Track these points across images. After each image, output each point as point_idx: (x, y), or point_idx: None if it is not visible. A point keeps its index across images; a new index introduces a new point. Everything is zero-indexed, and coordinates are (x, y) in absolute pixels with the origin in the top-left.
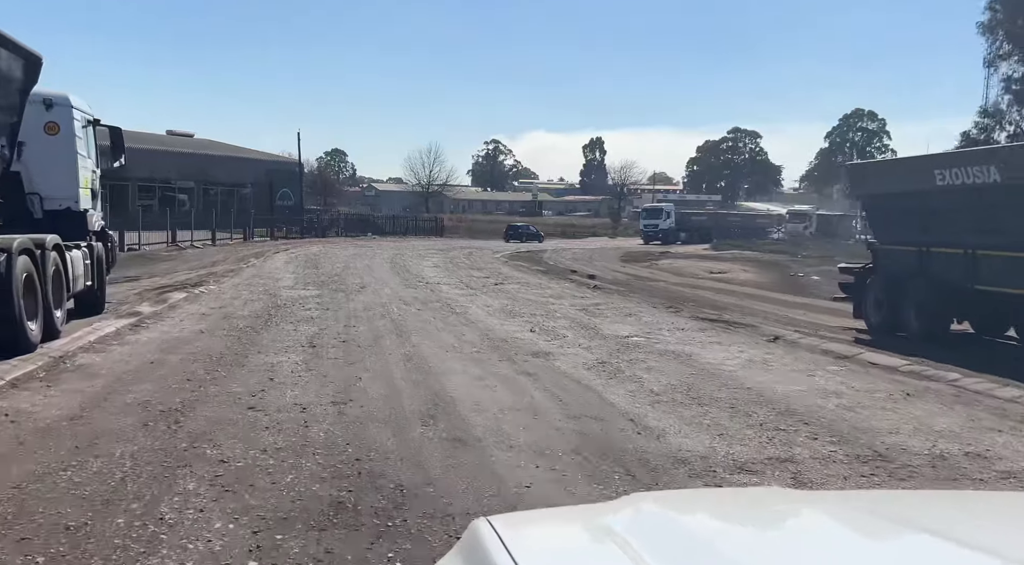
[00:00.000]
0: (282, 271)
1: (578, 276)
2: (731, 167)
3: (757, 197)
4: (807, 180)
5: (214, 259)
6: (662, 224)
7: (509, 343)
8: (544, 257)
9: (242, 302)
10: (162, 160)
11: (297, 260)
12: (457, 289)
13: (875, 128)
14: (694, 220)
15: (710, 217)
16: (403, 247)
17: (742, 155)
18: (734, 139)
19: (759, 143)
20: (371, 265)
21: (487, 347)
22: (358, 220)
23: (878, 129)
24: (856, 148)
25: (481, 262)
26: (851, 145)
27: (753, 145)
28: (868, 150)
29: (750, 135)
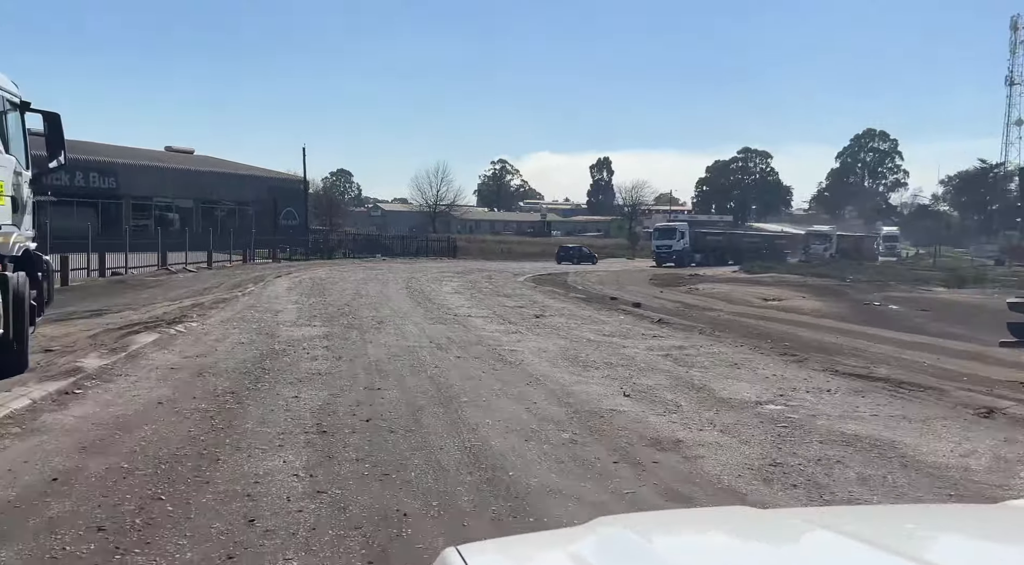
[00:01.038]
0: (283, 301)
1: (624, 305)
2: (741, 187)
3: (768, 218)
4: (818, 201)
5: (206, 285)
6: (676, 245)
7: (607, 419)
8: (568, 280)
9: (228, 347)
10: (159, 177)
11: (301, 286)
12: (494, 323)
13: (887, 148)
14: (709, 240)
15: (725, 237)
16: (416, 270)
17: (752, 175)
18: (744, 159)
19: (769, 163)
20: (386, 292)
21: (580, 427)
22: (366, 241)
23: (890, 149)
24: (868, 168)
25: (506, 287)
26: (862, 165)
27: (764, 165)
28: (880, 171)
29: (760, 155)
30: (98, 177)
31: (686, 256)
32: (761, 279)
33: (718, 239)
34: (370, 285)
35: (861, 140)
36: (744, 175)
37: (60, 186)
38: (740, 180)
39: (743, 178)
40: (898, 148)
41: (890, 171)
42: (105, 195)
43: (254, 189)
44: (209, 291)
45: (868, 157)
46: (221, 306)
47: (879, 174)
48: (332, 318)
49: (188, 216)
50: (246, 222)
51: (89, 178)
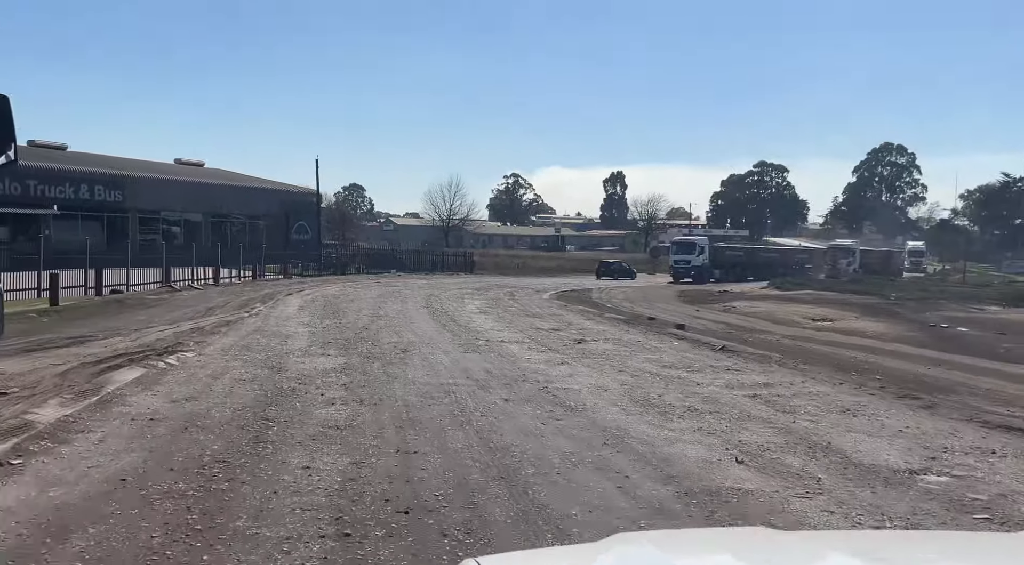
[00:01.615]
0: (294, 323)
1: (667, 326)
2: (757, 201)
3: (783, 232)
4: (835, 215)
5: (210, 305)
6: (694, 260)
7: (734, 505)
8: (594, 297)
9: (226, 386)
10: (167, 190)
11: (314, 305)
12: (534, 351)
13: (904, 162)
14: (729, 255)
15: (745, 252)
16: (434, 286)
17: (768, 189)
18: (760, 173)
19: (786, 177)
20: (406, 311)
21: (705, 522)
22: (379, 256)
23: (908, 163)
24: (885, 183)
25: (532, 305)
26: (880, 180)
27: (780, 179)
28: (897, 185)
29: (776, 169)
30: (103, 190)
31: (705, 271)
32: (796, 297)
33: (738, 254)
34: (388, 304)
35: (878, 154)
36: (760, 189)
37: (64, 199)
38: (756, 194)
39: (759, 192)
40: (916, 162)
41: (908, 185)
42: (111, 208)
43: (265, 203)
44: (213, 312)
45: (885, 171)
46: (224, 330)
47: (897, 188)
48: (349, 345)
49: (197, 230)
50: (257, 237)
51: (94, 191)
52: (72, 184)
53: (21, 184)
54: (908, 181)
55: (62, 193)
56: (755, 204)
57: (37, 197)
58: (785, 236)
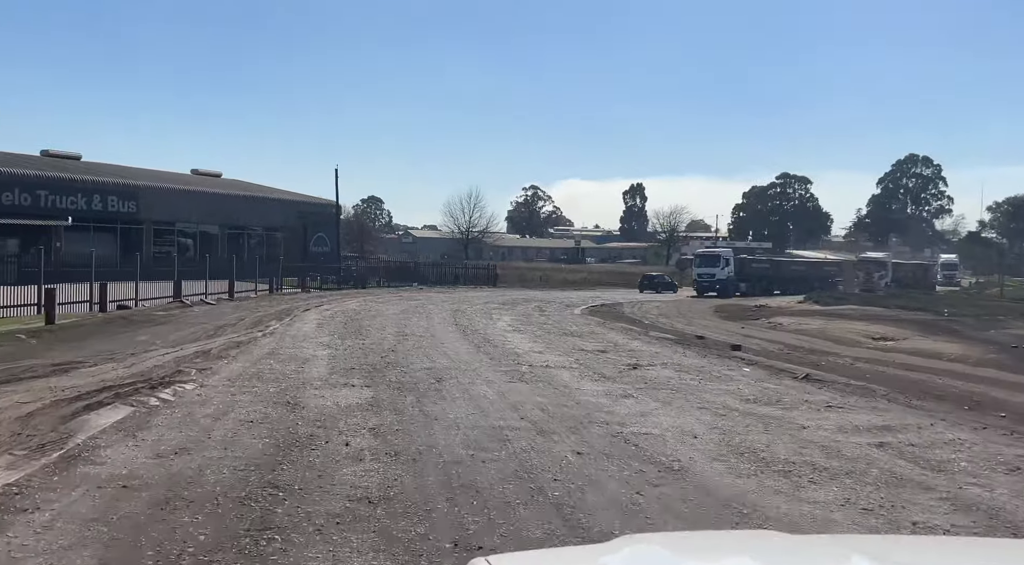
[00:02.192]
0: (312, 344)
1: (720, 347)
2: (780, 213)
3: (807, 245)
4: (859, 227)
5: (221, 322)
6: (719, 273)
7: None
8: (626, 312)
9: (228, 432)
10: (183, 200)
11: (334, 323)
12: (587, 379)
13: (930, 174)
14: (755, 268)
15: (772, 265)
16: (458, 300)
17: (791, 201)
18: (783, 185)
19: (809, 189)
20: (433, 329)
21: None
22: (400, 269)
23: (933, 175)
24: (910, 195)
25: (566, 321)
26: (905, 191)
27: (803, 191)
28: (923, 197)
29: (800, 181)
30: (117, 200)
31: (730, 285)
32: (841, 312)
33: (764, 267)
34: (413, 320)
35: (903, 165)
36: (783, 201)
37: (76, 210)
38: (779, 206)
39: (782, 204)
40: (942, 173)
41: (933, 197)
42: (125, 219)
43: (283, 214)
44: (223, 331)
45: (911, 183)
46: (233, 354)
47: (922, 200)
48: (375, 371)
49: (213, 242)
50: (274, 249)
51: (107, 201)
52: (84, 195)
53: (32, 195)
54: (934, 193)
55: (74, 204)
56: (778, 216)
57: (48, 208)
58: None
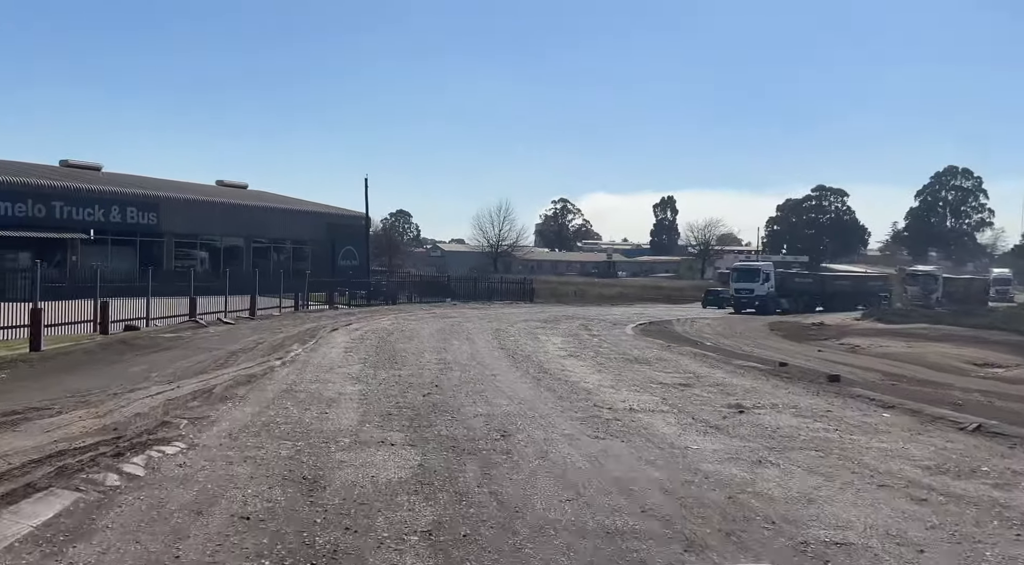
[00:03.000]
0: (339, 376)
1: (816, 377)
2: (815, 227)
3: (842, 259)
4: (897, 241)
5: (236, 346)
6: (758, 289)
7: None
8: (678, 329)
9: (209, 542)
10: (205, 212)
11: (364, 346)
12: (696, 431)
13: (970, 186)
14: (797, 283)
15: (815, 280)
16: (497, 318)
17: (827, 214)
18: (818, 197)
19: (845, 202)
20: (478, 354)
21: None
22: (431, 283)
23: (974, 187)
24: (950, 207)
25: (622, 343)
26: (944, 204)
27: (839, 204)
28: (963, 209)
29: (836, 193)
30: (136, 212)
31: (770, 301)
32: (912, 331)
33: (807, 282)
34: (453, 343)
35: (942, 178)
36: (819, 214)
37: (93, 222)
38: (814, 219)
39: (817, 217)
40: (982, 186)
41: (974, 210)
42: (145, 232)
43: (311, 226)
44: (235, 359)
45: (950, 195)
46: (242, 393)
47: (962, 213)
48: (419, 418)
49: (237, 256)
50: (301, 263)
51: (126, 213)
52: (102, 206)
53: (46, 206)
54: (974, 206)
55: (91, 216)
56: (813, 229)
57: (63, 220)
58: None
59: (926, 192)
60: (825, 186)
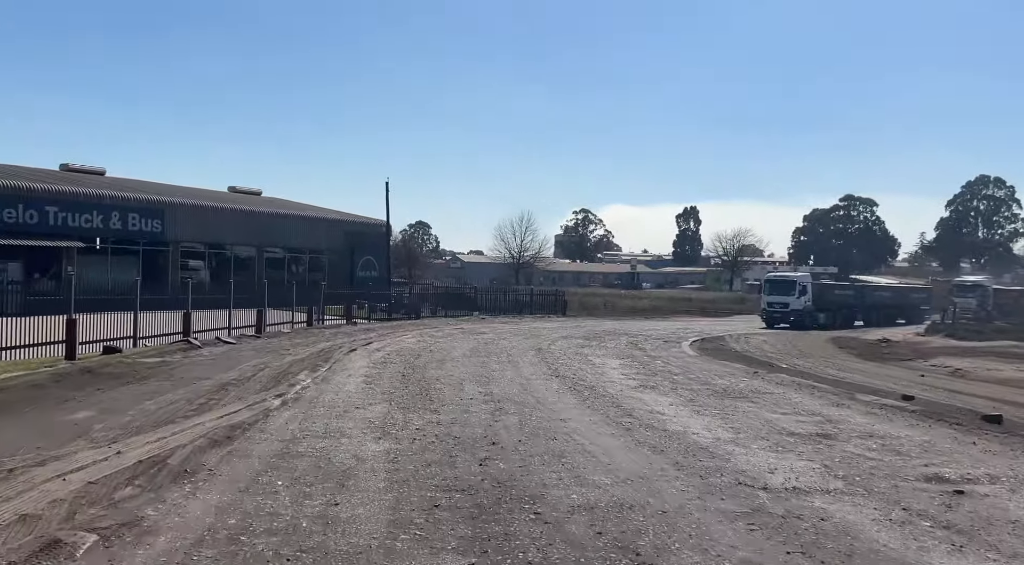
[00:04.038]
0: (357, 423)
1: (971, 418)
2: (844, 237)
3: (871, 270)
4: (928, 251)
5: (229, 376)
6: (794, 302)
7: None
8: (740, 348)
9: None
10: (216, 220)
11: (388, 372)
12: (933, 540)
13: (1003, 196)
14: (836, 296)
15: (855, 292)
16: (531, 334)
17: (856, 224)
18: (846, 207)
19: (875, 211)
20: (532, 386)
21: None
22: (455, 296)
23: (1006, 197)
24: (982, 217)
25: (696, 369)
26: (976, 214)
27: (868, 213)
28: (995, 219)
29: (864, 203)
30: (139, 219)
31: (806, 316)
32: (996, 349)
33: (847, 294)
34: (494, 367)
35: (974, 187)
36: (847, 224)
37: (91, 229)
38: (843, 229)
39: (846, 227)
40: (1015, 195)
41: (1007, 220)
42: (149, 240)
43: (328, 235)
44: (223, 395)
45: (982, 205)
46: (211, 464)
47: (995, 223)
48: (483, 517)
49: (249, 266)
50: (317, 273)
51: (127, 219)
52: (101, 212)
53: (38, 211)
54: (1007, 216)
55: (89, 222)
56: (842, 240)
57: (58, 227)
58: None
59: (957, 202)
60: (854, 195)
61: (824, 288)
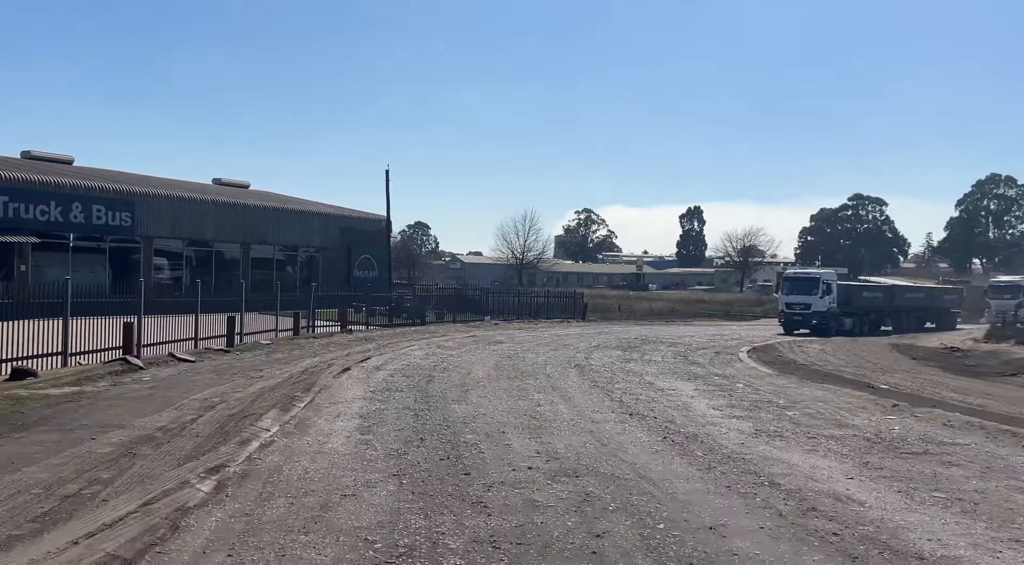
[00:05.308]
0: (343, 534)
1: None
2: (852, 237)
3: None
4: (938, 251)
5: (155, 426)
6: (817, 303)
7: None
8: (804, 360)
9: None
10: (195, 213)
11: (393, 409)
12: None
13: (1014, 195)
14: (865, 298)
15: (885, 293)
16: (557, 343)
17: (864, 224)
18: (855, 207)
19: (884, 211)
20: (607, 436)
21: None
22: (459, 298)
23: (1018, 196)
24: (992, 216)
25: (786, 390)
26: (986, 213)
27: (877, 213)
28: (1006, 219)
29: (873, 202)
30: (105, 211)
31: (832, 320)
32: None
33: (875, 296)
34: (536, 397)
35: (984, 186)
36: (856, 224)
37: (47, 222)
38: (851, 229)
39: (854, 227)
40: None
41: (1018, 219)
42: (117, 235)
43: (321, 231)
44: (130, 462)
45: (992, 204)
46: None
47: (1006, 223)
48: None
49: (234, 264)
50: (311, 272)
51: (91, 212)
52: (60, 203)
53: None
54: (1019, 215)
55: (45, 214)
56: (850, 240)
57: (10, 219)
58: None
59: (967, 201)
60: (863, 195)
61: (851, 289)
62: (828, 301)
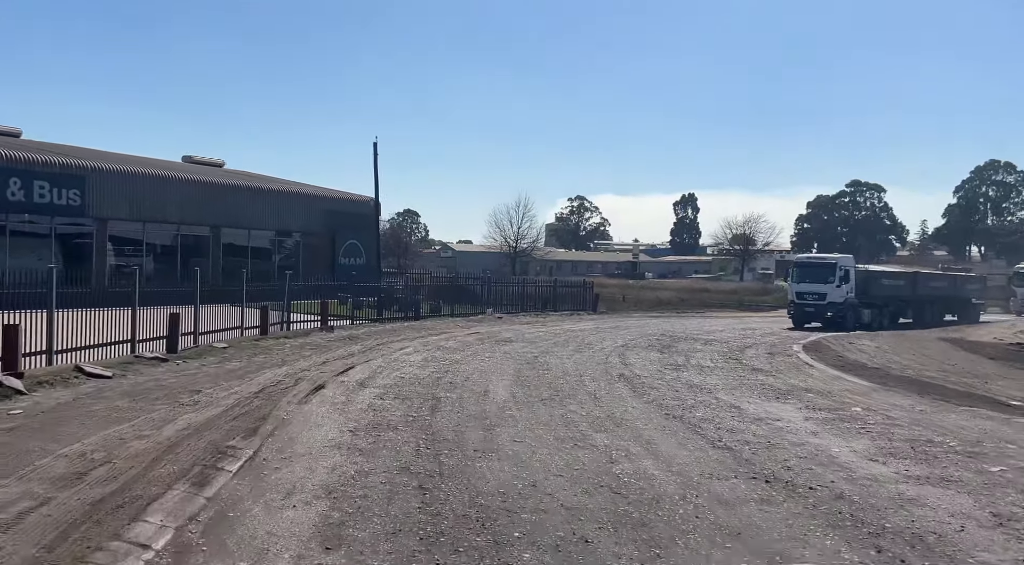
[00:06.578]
0: None
1: None
2: (850, 224)
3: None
4: (936, 238)
5: (21, 504)
6: (833, 293)
7: None
8: (867, 360)
9: None
10: (157, 192)
11: (382, 470)
12: None
13: (1013, 181)
14: (886, 286)
15: (907, 281)
16: (578, 342)
17: (862, 211)
18: (852, 193)
19: (882, 198)
20: (732, 510)
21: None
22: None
23: (1016, 182)
24: (991, 203)
25: (913, 418)
26: (985, 200)
27: (875, 200)
28: (1005, 206)
29: (871, 189)
30: (49, 189)
31: (850, 312)
32: None
33: (897, 284)
34: (596, 439)
35: (983, 172)
36: (854, 211)
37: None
38: (849, 216)
39: (852, 214)
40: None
41: (1017, 206)
42: (64, 216)
43: (304, 213)
44: None
45: (991, 191)
46: None
47: (1004, 210)
48: None
49: (202, 250)
50: (290, 258)
51: (32, 189)
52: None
53: None
54: (1017, 201)
55: None
56: (847, 227)
57: None
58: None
59: (965, 188)
60: (860, 181)
61: (871, 276)
62: (846, 290)
